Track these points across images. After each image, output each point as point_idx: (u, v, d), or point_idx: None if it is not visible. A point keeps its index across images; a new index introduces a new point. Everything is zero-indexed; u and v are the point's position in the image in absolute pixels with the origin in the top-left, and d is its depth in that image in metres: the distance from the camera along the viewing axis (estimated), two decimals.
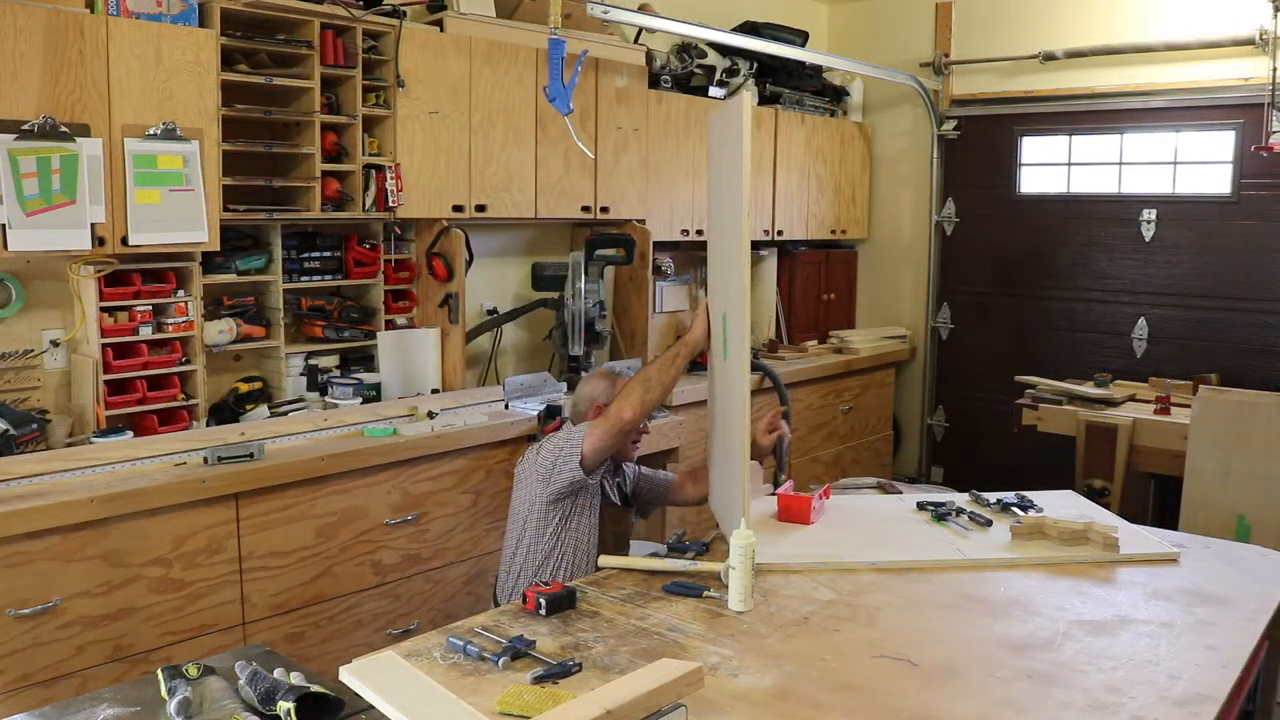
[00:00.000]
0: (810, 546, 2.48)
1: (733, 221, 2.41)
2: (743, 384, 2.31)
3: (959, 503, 2.81)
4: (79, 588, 2.47)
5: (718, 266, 2.69)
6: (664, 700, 1.49)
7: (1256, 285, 4.73)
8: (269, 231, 3.35)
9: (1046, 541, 2.51)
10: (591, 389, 2.89)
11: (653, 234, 4.40)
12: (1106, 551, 2.44)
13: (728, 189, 2.51)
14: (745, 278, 2.30)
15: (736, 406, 2.34)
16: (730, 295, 2.45)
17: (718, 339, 2.62)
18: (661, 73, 4.52)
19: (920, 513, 2.77)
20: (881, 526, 2.67)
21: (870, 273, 6.08)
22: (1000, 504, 2.79)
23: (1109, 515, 2.77)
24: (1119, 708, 1.71)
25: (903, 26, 5.76)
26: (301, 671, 1.71)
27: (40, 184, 2.66)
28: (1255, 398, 3.79)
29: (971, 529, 2.63)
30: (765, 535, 2.46)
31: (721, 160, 2.65)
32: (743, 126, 2.27)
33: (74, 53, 2.70)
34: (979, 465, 5.64)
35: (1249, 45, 4.57)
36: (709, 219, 2.88)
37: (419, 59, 3.49)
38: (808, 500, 2.66)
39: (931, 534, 2.61)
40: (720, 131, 2.68)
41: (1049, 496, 2.92)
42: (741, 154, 2.28)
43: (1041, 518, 2.57)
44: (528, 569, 2.67)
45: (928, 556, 2.43)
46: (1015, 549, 2.48)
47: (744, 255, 2.29)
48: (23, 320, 2.91)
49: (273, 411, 3.27)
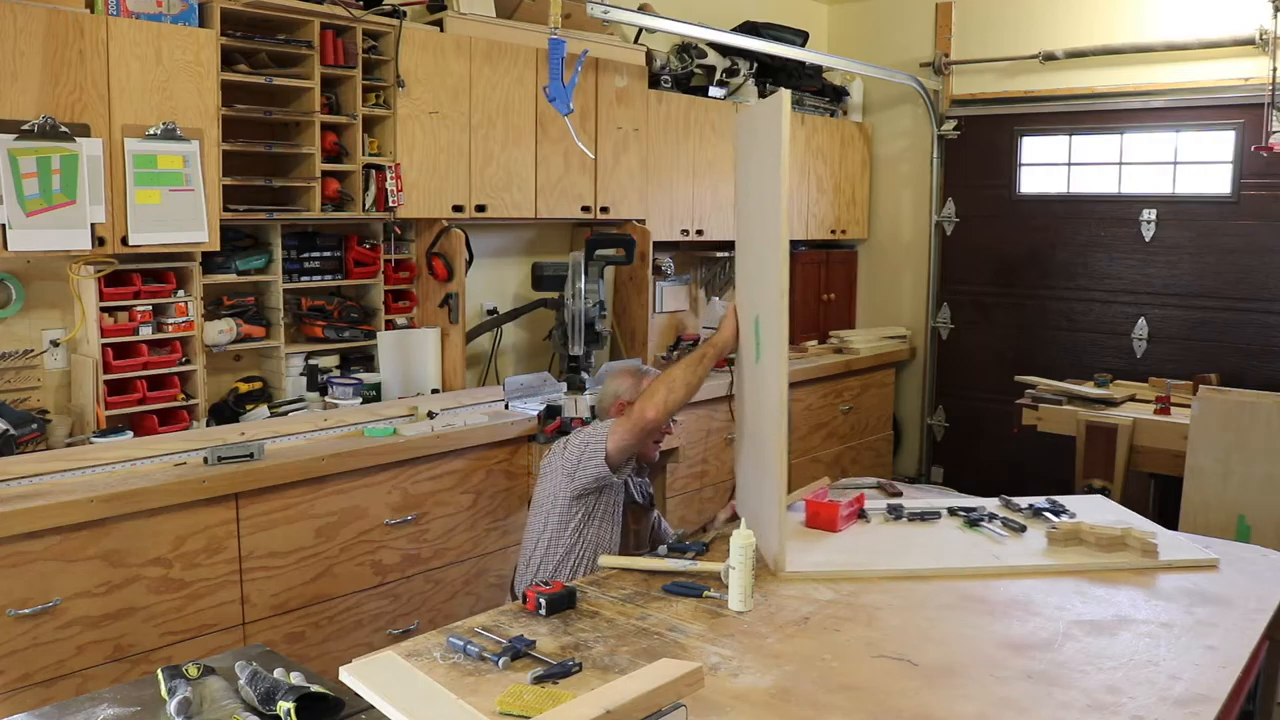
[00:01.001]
0: (842, 554, 2.43)
1: (766, 221, 2.36)
2: (779, 387, 2.23)
3: (990, 508, 2.75)
4: (79, 588, 2.47)
5: (748, 268, 2.62)
6: (664, 700, 1.49)
7: (1256, 285, 4.73)
8: (269, 231, 3.35)
9: (1083, 547, 2.45)
10: (616, 385, 2.87)
11: (653, 234, 4.41)
12: (1145, 558, 2.38)
13: (760, 189, 2.45)
14: (783, 279, 2.22)
15: (771, 411, 2.27)
16: (764, 297, 2.39)
17: (749, 341, 2.57)
18: (661, 73, 4.52)
19: (952, 518, 2.71)
20: (912, 533, 2.61)
21: (870, 273, 6.08)
22: (1032, 509, 2.73)
23: (1144, 520, 2.71)
24: (1119, 708, 1.71)
25: (903, 26, 5.76)
26: (301, 671, 1.71)
27: (40, 184, 2.66)
28: (1255, 398, 3.78)
29: (1006, 535, 2.57)
30: (795, 543, 2.43)
31: (751, 160, 2.59)
32: (781, 125, 2.21)
33: (74, 53, 2.70)
34: (979, 465, 5.64)
35: (1249, 45, 4.57)
36: (737, 220, 2.79)
37: (419, 59, 3.49)
38: (835, 507, 2.60)
39: (965, 540, 2.55)
40: (750, 131, 2.63)
41: (1081, 501, 2.87)
42: (778, 153, 2.22)
43: (1077, 523, 2.51)
44: (548, 564, 2.63)
45: (965, 564, 2.37)
46: (1053, 555, 2.42)
47: (781, 256, 2.22)
48: (23, 320, 2.91)
49: (273, 411, 3.27)
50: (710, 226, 4.78)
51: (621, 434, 2.56)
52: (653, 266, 4.47)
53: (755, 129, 2.56)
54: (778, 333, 2.26)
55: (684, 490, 4.28)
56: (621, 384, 2.87)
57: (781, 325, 2.24)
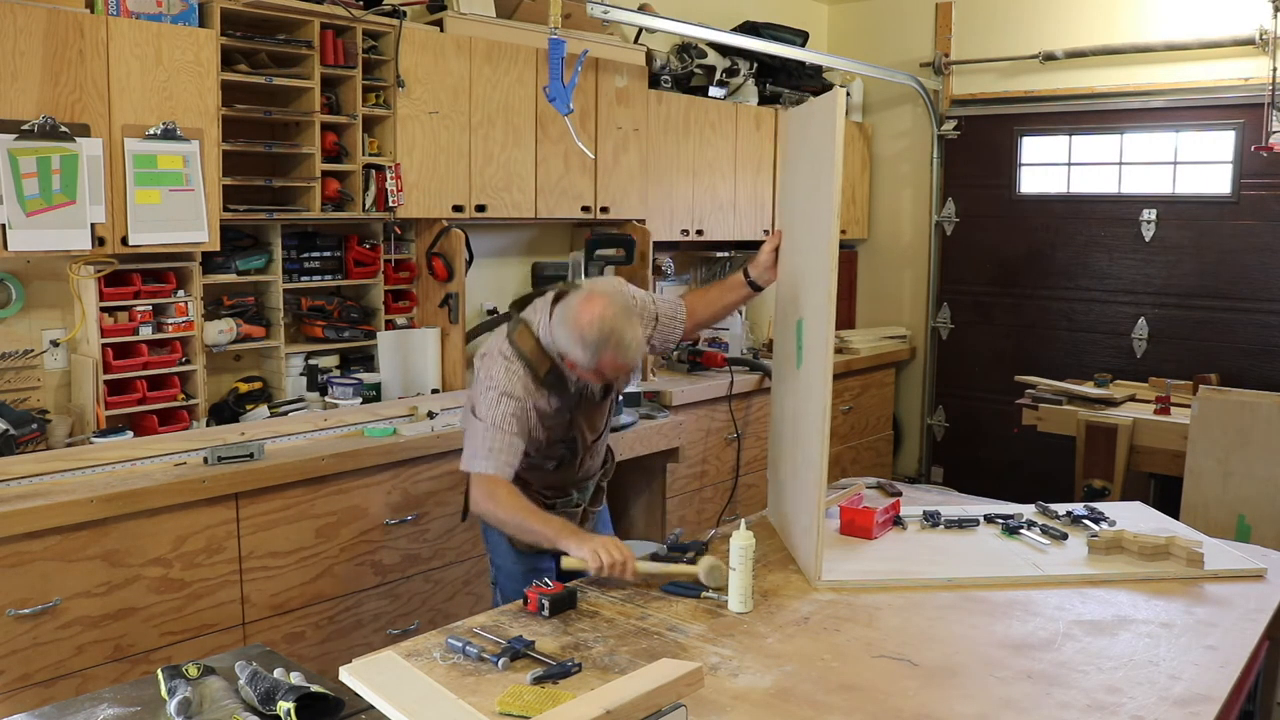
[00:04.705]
0: (880, 562, 2.38)
1: (816, 223, 2.30)
2: (823, 394, 2.18)
3: (1028, 515, 2.72)
4: (79, 588, 2.47)
5: (792, 269, 2.56)
6: (664, 700, 1.49)
7: (1256, 285, 4.73)
8: (269, 231, 3.35)
9: (1126, 556, 2.41)
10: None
11: (653, 234, 4.40)
12: (1191, 567, 2.35)
13: (808, 190, 2.41)
14: (831, 282, 2.16)
15: (814, 418, 2.23)
16: (809, 300, 2.34)
17: (789, 344, 2.52)
18: (661, 73, 4.52)
19: (989, 525, 2.67)
20: (950, 541, 2.56)
21: (870, 273, 6.08)
22: (1070, 516, 2.70)
23: (1188, 529, 2.67)
24: (1119, 708, 1.71)
25: (903, 26, 5.76)
26: (301, 671, 1.71)
27: (40, 184, 2.66)
28: (1255, 398, 3.79)
29: (1048, 543, 2.52)
30: (832, 551, 2.40)
31: (800, 160, 2.54)
32: (835, 126, 2.16)
33: (74, 53, 2.70)
34: (979, 465, 5.64)
35: (1249, 45, 4.57)
36: (781, 220, 2.73)
37: (419, 59, 3.49)
38: (871, 514, 2.55)
39: (1005, 548, 2.51)
40: (800, 131, 2.58)
41: (1119, 508, 2.85)
42: (832, 153, 2.17)
43: (1119, 531, 2.47)
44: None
45: (1006, 573, 2.32)
46: (1095, 564, 2.38)
47: (831, 258, 2.15)
48: (23, 320, 2.91)
49: (273, 411, 3.27)
50: (710, 226, 4.78)
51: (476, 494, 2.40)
52: (653, 266, 4.47)
53: (806, 128, 2.50)
54: (824, 338, 2.20)
55: (684, 490, 4.28)
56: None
57: (828, 330, 2.18)
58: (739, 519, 2.25)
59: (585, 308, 2.25)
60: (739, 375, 4.45)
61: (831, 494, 2.79)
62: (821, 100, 2.34)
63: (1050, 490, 3.86)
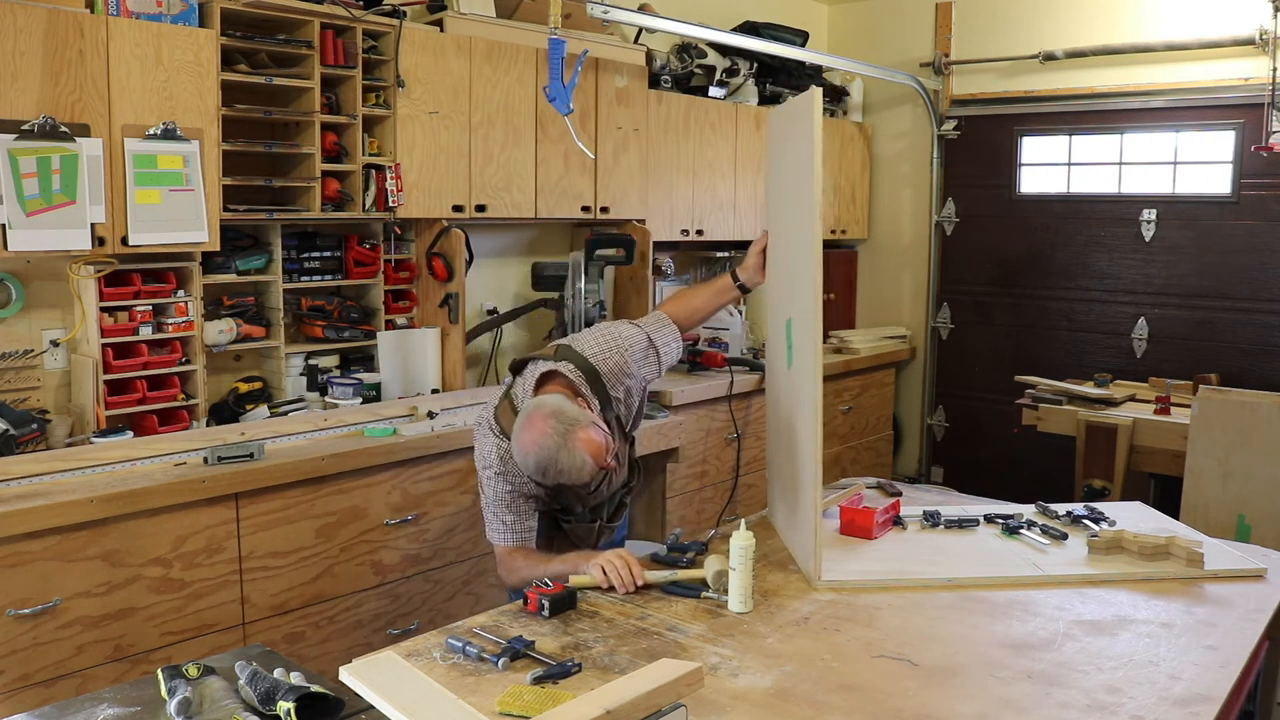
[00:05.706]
0: (880, 563, 2.38)
1: (800, 223, 2.30)
2: (814, 393, 2.19)
3: (1028, 515, 2.72)
4: (79, 588, 2.47)
5: (780, 269, 2.57)
6: (664, 700, 1.49)
7: (1256, 285, 4.73)
8: (269, 231, 3.35)
9: (1126, 556, 2.41)
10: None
11: (653, 234, 4.40)
12: (1191, 568, 2.34)
13: (792, 189, 2.40)
14: (816, 280, 2.17)
15: (806, 417, 2.23)
16: (797, 299, 2.33)
17: (780, 344, 2.51)
18: (661, 73, 4.52)
19: (989, 525, 2.66)
20: (950, 541, 2.56)
21: (870, 273, 6.08)
22: (1070, 516, 2.69)
23: (1188, 529, 2.67)
24: (1119, 708, 1.71)
25: (903, 26, 5.76)
26: (301, 671, 1.71)
27: (40, 184, 2.66)
28: (1255, 398, 3.79)
29: (1048, 543, 2.52)
30: (831, 551, 2.40)
31: (784, 159, 2.55)
32: (813, 124, 2.17)
33: (74, 53, 2.70)
34: (979, 465, 5.64)
35: (1249, 45, 4.57)
36: (769, 221, 2.71)
37: (419, 59, 3.49)
38: (871, 514, 2.55)
39: (1004, 548, 2.50)
40: (783, 130, 2.59)
41: (1119, 508, 2.84)
42: (811, 152, 2.18)
43: (1119, 531, 2.46)
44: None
45: (1006, 573, 2.32)
46: (1095, 564, 2.37)
47: (815, 257, 2.17)
48: (23, 320, 2.91)
49: (273, 411, 3.27)
50: (710, 226, 4.78)
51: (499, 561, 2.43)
52: (653, 266, 4.47)
53: (788, 128, 2.51)
54: (812, 336, 2.20)
55: (684, 490, 4.28)
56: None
57: (816, 329, 2.19)
58: (739, 519, 2.25)
59: (524, 433, 2.18)
60: (739, 375, 4.45)
61: (831, 494, 2.79)
62: (801, 99, 2.35)
63: (1050, 490, 3.85)
